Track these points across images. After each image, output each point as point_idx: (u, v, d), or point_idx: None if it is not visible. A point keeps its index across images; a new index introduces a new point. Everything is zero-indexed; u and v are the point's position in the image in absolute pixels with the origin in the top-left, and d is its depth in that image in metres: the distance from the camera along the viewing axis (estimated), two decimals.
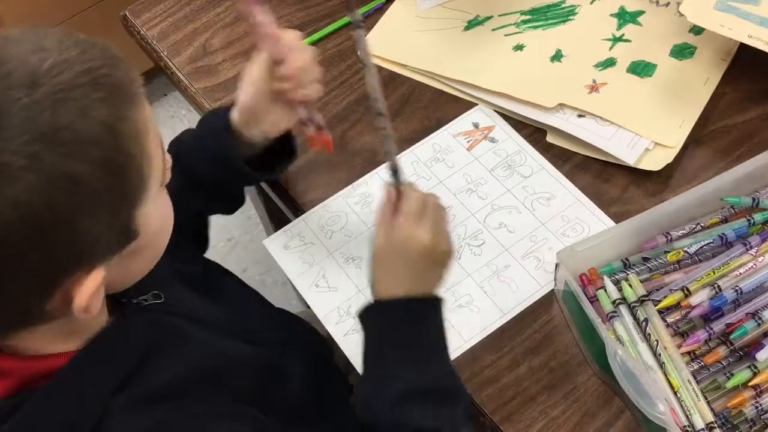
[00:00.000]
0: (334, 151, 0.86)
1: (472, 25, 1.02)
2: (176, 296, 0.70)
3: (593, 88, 0.94)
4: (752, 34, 0.87)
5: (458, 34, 1.01)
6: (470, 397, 0.76)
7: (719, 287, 0.73)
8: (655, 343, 0.73)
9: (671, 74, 0.94)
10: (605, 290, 0.77)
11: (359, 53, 0.69)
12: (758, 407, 0.70)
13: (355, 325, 0.81)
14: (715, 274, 0.74)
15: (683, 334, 0.74)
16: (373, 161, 0.92)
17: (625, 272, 0.78)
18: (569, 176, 0.89)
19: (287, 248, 0.88)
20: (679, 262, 0.77)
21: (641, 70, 0.95)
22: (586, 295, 0.76)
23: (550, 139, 0.92)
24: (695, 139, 0.90)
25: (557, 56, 0.97)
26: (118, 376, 0.59)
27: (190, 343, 0.66)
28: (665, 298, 0.74)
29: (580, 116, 0.91)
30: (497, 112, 0.95)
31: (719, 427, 0.69)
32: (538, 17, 1.01)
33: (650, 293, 0.75)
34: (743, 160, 0.82)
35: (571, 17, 1.01)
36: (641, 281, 0.76)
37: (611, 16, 1.01)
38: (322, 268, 0.86)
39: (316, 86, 0.77)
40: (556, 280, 0.80)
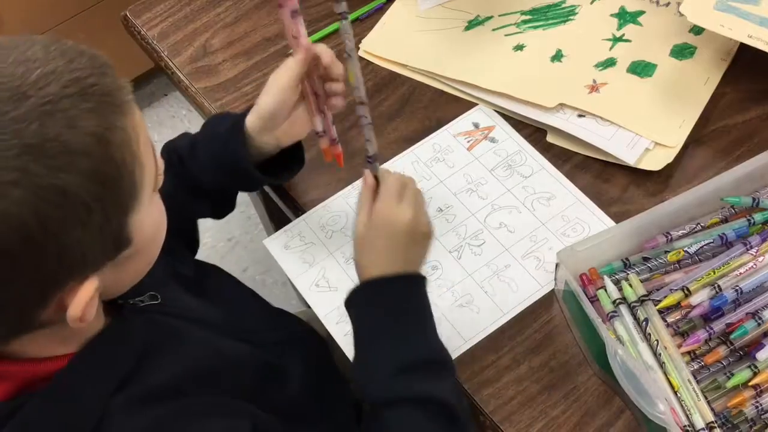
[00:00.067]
0: (344, 165, 0.86)
1: (472, 25, 1.02)
2: (173, 297, 0.70)
3: (593, 88, 0.93)
4: (752, 34, 0.86)
5: (458, 34, 1.01)
6: (469, 396, 0.76)
7: (719, 287, 0.73)
8: (655, 342, 0.73)
9: (671, 74, 0.94)
10: (605, 290, 0.77)
11: (345, 43, 0.71)
12: (758, 407, 0.70)
13: None
14: (715, 273, 0.74)
15: (683, 333, 0.74)
16: None
17: (625, 272, 0.78)
18: (569, 176, 0.89)
19: (287, 248, 0.88)
20: (679, 261, 0.77)
21: (641, 70, 0.95)
22: (586, 294, 0.76)
23: (550, 139, 0.92)
24: (695, 139, 0.90)
25: (557, 56, 0.97)
26: (116, 376, 0.59)
27: (187, 342, 0.66)
28: (665, 297, 0.74)
29: (580, 116, 0.91)
30: (497, 112, 0.95)
31: (719, 426, 0.69)
32: (538, 17, 1.01)
33: (650, 293, 0.75)
34: (743, 160, 0.82)
35: (571, 17, 1.01)
36: (641, 281, 0.76)
37: (611, 16, 1.01)
38: (322, 268, 0.86)
39: (341, 99, 0.79)
40: (556, 279, 0.80)
